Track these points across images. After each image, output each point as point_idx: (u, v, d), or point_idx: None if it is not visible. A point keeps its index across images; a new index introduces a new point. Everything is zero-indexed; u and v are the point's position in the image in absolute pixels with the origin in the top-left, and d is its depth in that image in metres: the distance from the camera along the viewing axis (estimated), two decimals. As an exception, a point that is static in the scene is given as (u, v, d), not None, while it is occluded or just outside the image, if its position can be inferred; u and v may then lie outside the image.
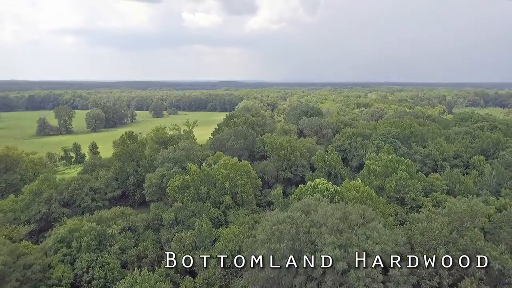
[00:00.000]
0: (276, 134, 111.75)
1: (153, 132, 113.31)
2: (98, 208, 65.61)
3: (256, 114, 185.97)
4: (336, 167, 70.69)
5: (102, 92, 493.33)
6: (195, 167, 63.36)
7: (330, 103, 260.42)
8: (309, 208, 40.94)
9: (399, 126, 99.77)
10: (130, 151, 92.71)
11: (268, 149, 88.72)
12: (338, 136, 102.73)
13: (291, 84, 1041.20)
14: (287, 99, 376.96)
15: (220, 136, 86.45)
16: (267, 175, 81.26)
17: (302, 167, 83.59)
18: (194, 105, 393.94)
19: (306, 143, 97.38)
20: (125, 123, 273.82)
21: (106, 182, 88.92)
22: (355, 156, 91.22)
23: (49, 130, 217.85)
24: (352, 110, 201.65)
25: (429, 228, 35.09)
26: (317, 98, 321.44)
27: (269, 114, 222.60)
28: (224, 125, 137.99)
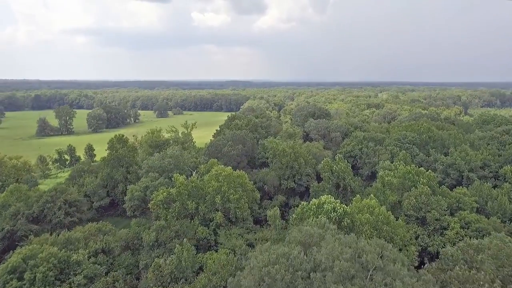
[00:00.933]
0: (280, 138, 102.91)
1: (147, 135, 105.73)
2: (72, 224, 57.84)
3: (261, 115, 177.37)
4: (346, 178, 61.67)
5: (108, 92, 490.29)
6: (182, 178, 55.07)
7: (339, 103, 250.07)
8: (311, 240, 32.22)
9: (415, 130, 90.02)
10: (120, 156, 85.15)
11: (269, 156, 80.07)
12: (347, 140, 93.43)
13: (299, 83, 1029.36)
14: (295, 99, 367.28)
15: (216, 141, 78.12)
16: (268, 184, 72.65)
17: (307, 176, 74.70)
18: (199, 105, 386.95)
19: (312, 148, 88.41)
20: (128, 124, 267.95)
21: (92, 190, 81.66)
22: (366, 164, 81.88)
23: (49, 130, 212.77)
24: (362, 111, 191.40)
25: (472, 279, 26.03)
26: (326, 98, 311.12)
27: (275, 115, 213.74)
28: (225, 127, 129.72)
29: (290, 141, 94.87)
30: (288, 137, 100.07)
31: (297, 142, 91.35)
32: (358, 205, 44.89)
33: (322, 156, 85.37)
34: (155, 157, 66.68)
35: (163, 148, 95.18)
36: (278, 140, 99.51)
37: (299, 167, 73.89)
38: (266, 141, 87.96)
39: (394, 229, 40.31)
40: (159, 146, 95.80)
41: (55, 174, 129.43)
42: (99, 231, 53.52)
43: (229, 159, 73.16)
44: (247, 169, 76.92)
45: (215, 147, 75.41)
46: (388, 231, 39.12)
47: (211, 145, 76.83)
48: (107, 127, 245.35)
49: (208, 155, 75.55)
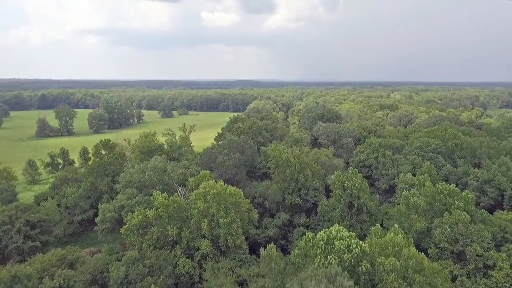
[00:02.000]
0: (285, 143, 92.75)
1: (140, 139, 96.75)
2: (33, 250, 48.80)
3: (267, 117, 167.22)
4: (361, 197, 51.29)
5: (115, 91, 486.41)
6: (162, 197, 45.48)
7: (350, 104, 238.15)
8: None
9: (439, 136, 78.90)
10: (104, 164, 76.28)
11: (271, 166, 70.04)
12: (361, 147, 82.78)
13: (308, 83, 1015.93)
14: (303, 99, 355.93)
15: (210, 149, 68.29)
16: (269, 200, 62.67)
17: (314, 190, 64.47)
18: (206, 105, 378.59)
19: (320, 156, 78.09)
20: (131, 124, 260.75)
21: (73, 201, 72.90)
22: (383, 176, 71.18)
23: (48, 131, 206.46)
24: (374, 113, 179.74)
25: None
26: (336, 99, 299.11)
27: (282, 116, 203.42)
28: (226, 130, 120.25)
29: (295, 147, 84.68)
30: (294, 143, 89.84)
31: (304, 149, 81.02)
32: (379, 242, 34.61)
33: (332, 166, 75.04)
34: (134, 170, 57.26)
35: (155, 154, 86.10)
36: (283, 146, 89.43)
37: (305, 180, 63.71)
38: (268, 148, 77.94)
39: (430, 278, 29.95)
40: (151, 152, 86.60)
41: (46, 179, 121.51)
42: (62, 261, 44.34)
43: (225, 170, 63.37)
44: (246, 181, 67.05)
45: (209, 156, 65.70)
46: (422, 283, 28.83)
47: (204, 154, 67.15)
48: (109, 128, 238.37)
49: (202, 165, 65.90)
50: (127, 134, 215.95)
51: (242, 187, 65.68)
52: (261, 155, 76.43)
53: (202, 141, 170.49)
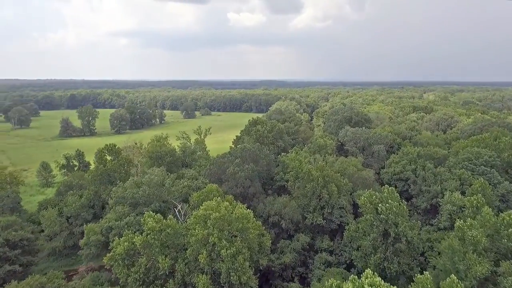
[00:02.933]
0: (307, 150, 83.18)
1: (151, 143, 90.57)
2: (10, 275, 42.54)
3: (289, 119, 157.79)
4: (399, 225, 41.23)
5: (141, 91, 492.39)
6: (153, 220, 37.70)
7: (379, 105, 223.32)
8: None
9: (491, 146, 66.65)
10: (108, 171, 70.20)
11: (290, 178, 60.93)
12: (395, 157, 71.78)
13: (335, 83, 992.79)
14: (329, 99, 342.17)
15: (220, 159, 59.98)
16: (286, 219, 53.67)
17: (340, 209, 54.85)
18: (229, 105, 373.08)
19: (348, 167, 68.07)
20: (153, 124, 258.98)
21: (74, 212, 67.19)
22: (423, 192, 60.17)
23: (71, 131, 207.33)
24: (407, 115, 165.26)
25: None
26: (363, 99, 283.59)
27: (306, 118, 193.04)
28: (245, 134, 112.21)
29: (319, 156, 74.92)
30: (318, 150, 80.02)
31: (328, 158, 71.17)
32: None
33: (361, 179, 64.90)
34: (128, 183, 50.06)
35: (164, 160, 79.36)
36: (305, 153, 79.92)
37: (329, 197, 54.21)
38: (286, 157, 68.86)
39: None
40: (161, 157, 79.91)
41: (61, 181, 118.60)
42: (39, 290, 37.68)
43: (236, 183, 54.99)
44: (260, 196, 58.33)
45: (218, 166, 57.56)
46: None
47: (214, 164, 59.02)
48: (130, 128, 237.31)
49: (209, 176, 57.89)
50: (146, 135, 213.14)
51: (255, 203, 57.20)
52: (278, 165, 67.42)
53: (222, 144, 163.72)
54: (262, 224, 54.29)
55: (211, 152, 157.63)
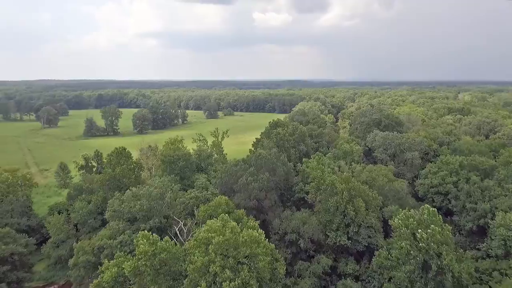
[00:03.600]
0: (331, 156, 75.85)
1: (166, 145, 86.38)
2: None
3: (313, 120, 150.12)
4: (443, 256, 33.62)
5: (166, 91, 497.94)
6: (147, 242, 32.38)
7: (410, 106, 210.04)
8: None
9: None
10: (117, 176, 66.31)
11: (310, 189, 54.16)
12: (432, 166, 63.20)
13: (362, 83, 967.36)
14: (356, 100, 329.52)
15: (232, 167, 53.95)
16: (305, 237, 47.06)
17: (368, 228, 47.57)
18: (252, 106, 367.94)
19: (377, 177, 60.44)
20: (175, 125, 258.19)
21: (81, 218, 63.76)
22: (468, 210, 51.61)
23: (95, 130, 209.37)
24: (442, 117, 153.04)
25: None
26: (393, 100, 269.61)
27: (331, 119, 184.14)
28: (265, 136, 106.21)
29: (343, 163, 67.48)
30: (343, 156, 72.52)
31: (355, 167, 63.64)
32: None
33: (392, 191, 57.11)
34: (126, 195, 45.23)
35: (176, 165, 74.70)
36: (328, 159, 72.69)
37: (355, 214, 47.06)
38: (308, 163, 62.09)
39: None
40: (174, 162, 75.35)
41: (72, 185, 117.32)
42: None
43: (249, 195, 48.97)
44: (276, 209, 52.00)
45: (230, 176, 51.77)
46: None
47: (225, 172, 53.25)
48: (153, 128, 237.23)
49: (220, 186, 52.24)
50: (167, 135, 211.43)
51: (271, 217, 50.91)
52: (298, 173, 60.75)
53: (243, 145, 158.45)
54: (278, 242, 48.09)
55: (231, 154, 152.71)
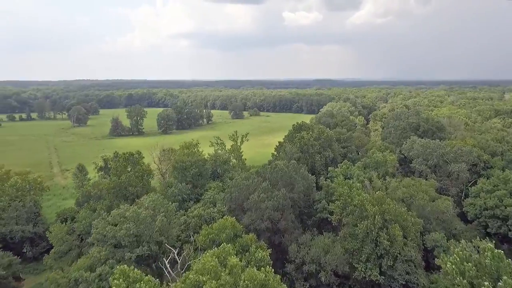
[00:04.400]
0: (360, 167, 66.65)
1: (180, 150, 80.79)
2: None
3: (342, 123, 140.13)
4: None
5: (193, 91, 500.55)
6: (122, 284, 25.76)
7: (449, 108, 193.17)
8: None
9: None
10: (123, 184, 61.24)
11: (335, 209, 45.80)
12: (485, 183, 52.71)
13: (395, 82, 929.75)
14: (389, 100, 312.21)
15: (243, 182, 46.16)
16: (327, 268, 38.94)
17: (406, 262, 38.64)
18: (278, 106, 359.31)
19: (416, 193, 50.99)
20: (199, 125, 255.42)
21: (84, 228, 59.21)
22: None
23: (120, 130, 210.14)
24: (488, 121, 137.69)
25: None
26: (429, 101, 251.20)
27: (361, 121, 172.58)
28: (287, 141, 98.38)
29: (375, 175, 58.19)
30: (374, 167, 63.14)
31: (390, 182, 54.31)
32: None
33: (435, 213, 47.53)
34: (111, 216, 39.08)
35: (188, 172, 68.70)
36: (357, 170, 63.60)
37: (390, 243, 38.32)
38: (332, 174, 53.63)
39: None
40: (185, 168, 69.46)
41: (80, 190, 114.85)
42: None
43: (261, 215, 41.49)
44: (293, 231, 44.10)
45: (240, 191, 44.51)
46: None
47: (235, 187, 45.92)
48: (177, 128, 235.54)
49: (229, 202, 45.16)
50: (191, 136, 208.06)
51: (287, 239, 43.17)
52: (322, 187, 52.43)
53: (266, 147, 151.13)
54: (294, 272, 40.29)
55: (253, 158, 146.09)
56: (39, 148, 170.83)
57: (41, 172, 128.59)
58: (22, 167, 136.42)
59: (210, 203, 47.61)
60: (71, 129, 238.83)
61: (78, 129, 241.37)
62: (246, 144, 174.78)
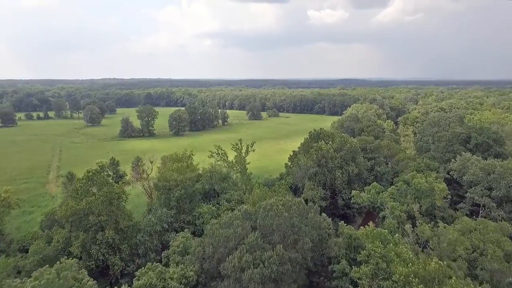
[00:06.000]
0: (396, 195, 49.84)
1: (168, 165, 66.74)
2: None
3: (368, 128, 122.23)
4: None
5: (212, 90, 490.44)
6: None
7: (493, 111, 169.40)
8: None
9: None
10: (85, 210, 47.91)
11: (362, 275, 29.94)
12: None
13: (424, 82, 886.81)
14: (419, 101, 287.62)
15: (220, 231, 30.72)
16: None
17: None
18: (299, 106, 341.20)
19: (482, 244, 34.17)
20: (214, 126, 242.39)
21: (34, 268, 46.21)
22: None
23: (130, 131, 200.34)
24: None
25: None
26: (467, 103, 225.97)
27: (391, 126, 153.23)
28: (302, 152, 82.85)
29: (415, 210, 41.45)
30: (414, 197, 46.09)
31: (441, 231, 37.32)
32: None
33: None
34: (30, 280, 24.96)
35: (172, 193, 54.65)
36: (389, 199, 46.90)
37: None
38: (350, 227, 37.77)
39: None
40: (169, 189, 55.40)
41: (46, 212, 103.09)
42: None
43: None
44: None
45: (217, 245, 29.44)
46: None
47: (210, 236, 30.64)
48: (190, 130, 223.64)
49: (201, 261, 30.26)
50: (204, 139, 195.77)
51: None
52: (340, 236, 36.45)
53: (283, 154, 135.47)
54: None
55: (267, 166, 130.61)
56: (44, 150, 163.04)
57: (35, 178, 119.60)
58: (18, 171, 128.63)
59: (177, 254, 32.98)
60: (83, 129, 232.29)
61: (90, 129, 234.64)
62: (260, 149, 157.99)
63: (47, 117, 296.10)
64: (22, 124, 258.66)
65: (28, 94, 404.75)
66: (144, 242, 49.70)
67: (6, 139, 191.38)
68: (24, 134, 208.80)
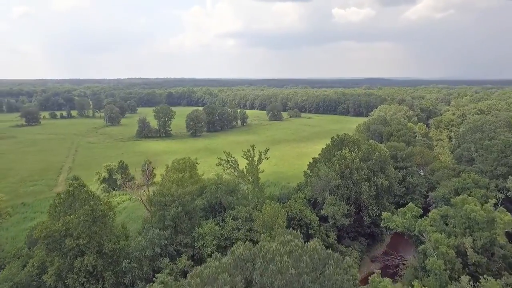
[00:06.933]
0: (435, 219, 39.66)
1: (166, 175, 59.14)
2: None
3: (398, 133, 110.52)
4: None
5: (233, 90, 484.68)
6: None
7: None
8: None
9: None
10: (60, 231, 40.90)
11: None
12: None
13: (455, 81, 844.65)
14: (451, 102, 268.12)
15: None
16: None
17: None
18: (322, 107, 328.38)
19: None
20: (233, 127, 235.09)
21: None
22: None
23: (147, 131, 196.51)
24: None
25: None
26: (508, 104, 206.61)
27: (422, 129, 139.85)
28: (323, 159, 73.28)
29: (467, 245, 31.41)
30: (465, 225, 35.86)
31: None
32: None
33: None
34: None
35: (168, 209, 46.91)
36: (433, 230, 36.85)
37: None
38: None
39: None
40: (167, 205, 47.64)
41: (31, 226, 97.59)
42: None
43: None
44: None
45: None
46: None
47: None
48: (208, 130, 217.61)
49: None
50: (222, 141, 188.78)
51: None
52: None
53: (304, 158, 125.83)
54: None
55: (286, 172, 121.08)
56: (60, 150, 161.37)
57: (45, 180, 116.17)
58: (30, 172, 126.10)
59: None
60: (102, 129, 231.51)
61: (109, 128, 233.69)
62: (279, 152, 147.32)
63: (70, 116, 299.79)
64: (45, 123, 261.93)
65: (55, 93, 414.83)
66: (131, 269, 42.18)
67: (26, 138, 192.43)
68: (45, 133, 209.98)
